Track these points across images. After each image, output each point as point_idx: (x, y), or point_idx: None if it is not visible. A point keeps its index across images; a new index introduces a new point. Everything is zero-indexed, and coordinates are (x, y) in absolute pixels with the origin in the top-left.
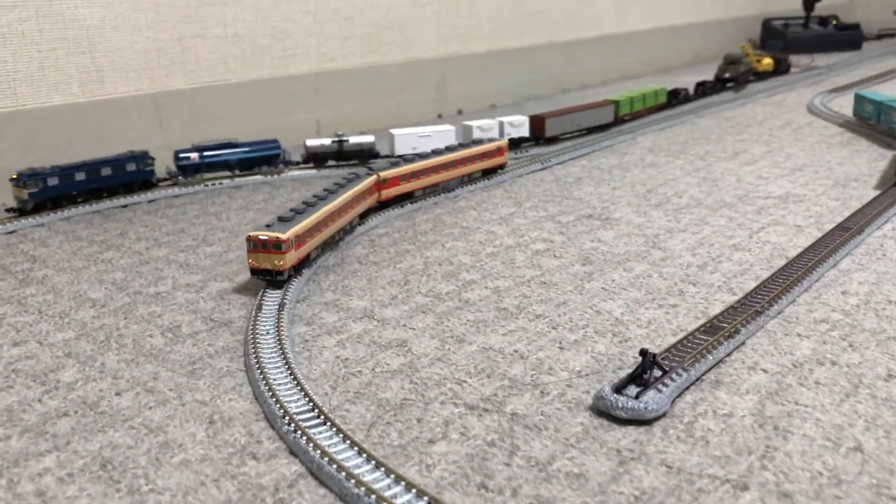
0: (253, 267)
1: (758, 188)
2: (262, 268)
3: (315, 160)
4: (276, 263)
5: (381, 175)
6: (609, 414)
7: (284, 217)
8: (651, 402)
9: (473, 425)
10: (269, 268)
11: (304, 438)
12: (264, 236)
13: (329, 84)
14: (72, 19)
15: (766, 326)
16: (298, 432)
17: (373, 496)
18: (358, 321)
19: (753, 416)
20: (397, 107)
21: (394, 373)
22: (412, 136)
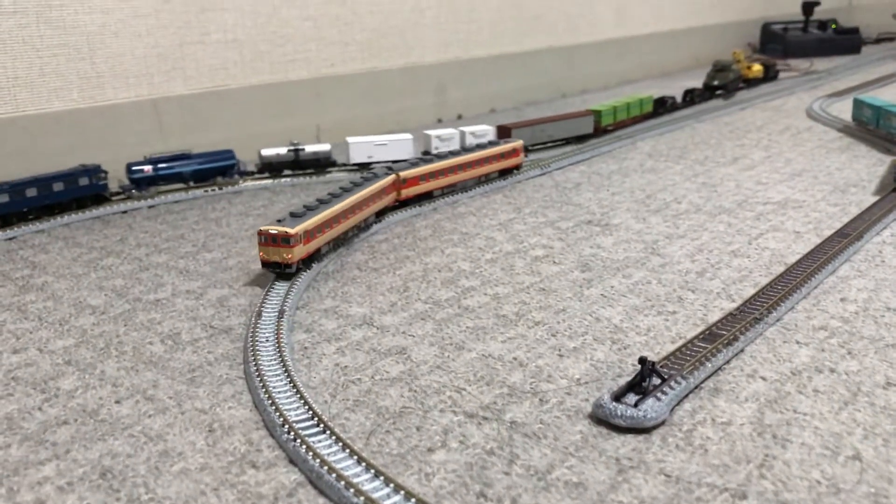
0: (263, 259)
1: (757, 194)
2: (272, 260)
3: (270, 169)
4: (284, 257)
5: (401, 175)
6: (608, 422)
7: (296, 213)
8: (650, 410)
9: (473, 433)
10: (279, 261)
11: (303, 447)
12: (274, 231)
13: (329, 89)
14: (72, 25)
15: (764, 334)
16: (298, 441)
17: None
18: (357, 328)
19: (752, 424)
20: (397, 112)
21: (393, 380)
22: (368, 145)
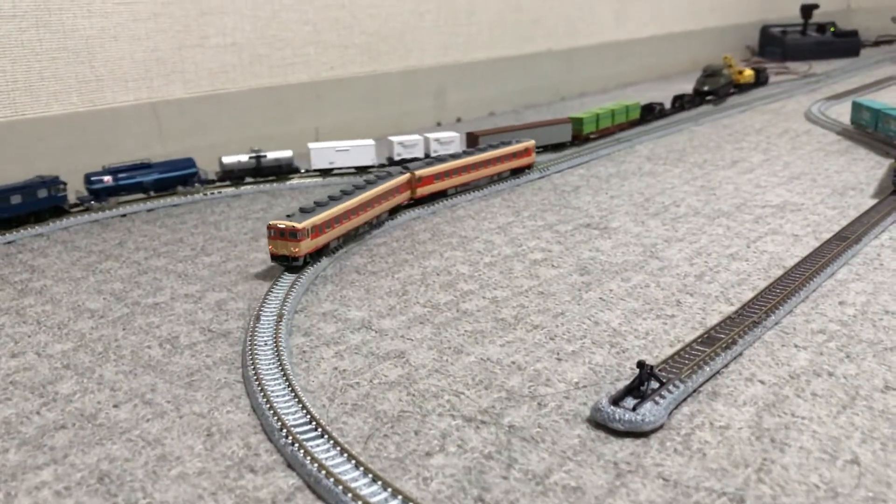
0: (272, 252)
1: (755, 197)
2: (280, 253)
3: (232, 177)
4: (291, 250)
5: (417, 173)
6: (606, 426)
7: (306, 209)
8: (648, 414)
9: (471, 438)
10: (286, 254)
11: (301, 451)
12: (282, 225)
13: (328, 92)
14: (71, 29)
15: (763, 337)
16: (296, 445)
17: None
18: (356, 332)
19: (750, 428)
20: (397, 115)
21: (391, 384)
22: (329, 151)
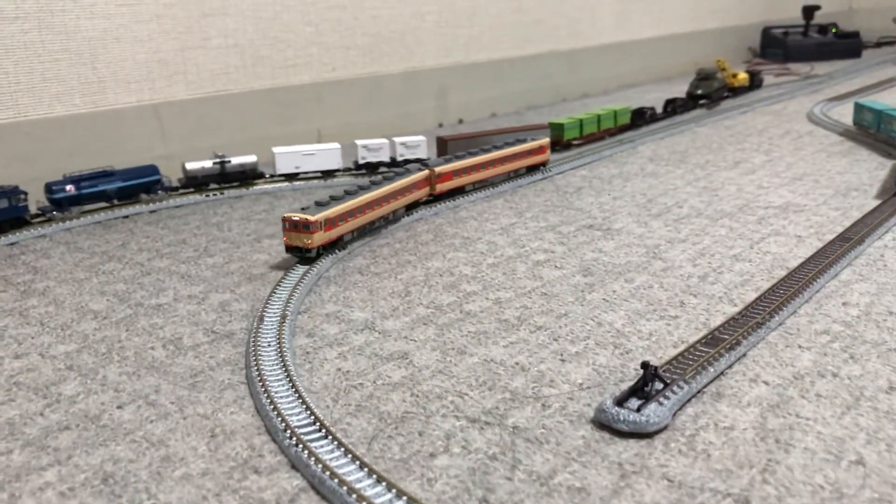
0: (287, 244)
1: (758, 198)
2: (294, 245)
3: (196, 184)
4: (305, 242)
5: (436, 170)
6: (610, 427)
7: (321, 202)
8: (652, 414)
9: (475, 439)
10: (300, 245)
11: (305, 452)
12: (296, 217)
13: (330, 94)
14: (74, 31)
15: (767, 338)
16: (300, 446)
17: None
18: (359, 333)
19: (755, 428)
20: (398, 116)
21: (395, 385)
22: (295, 155)
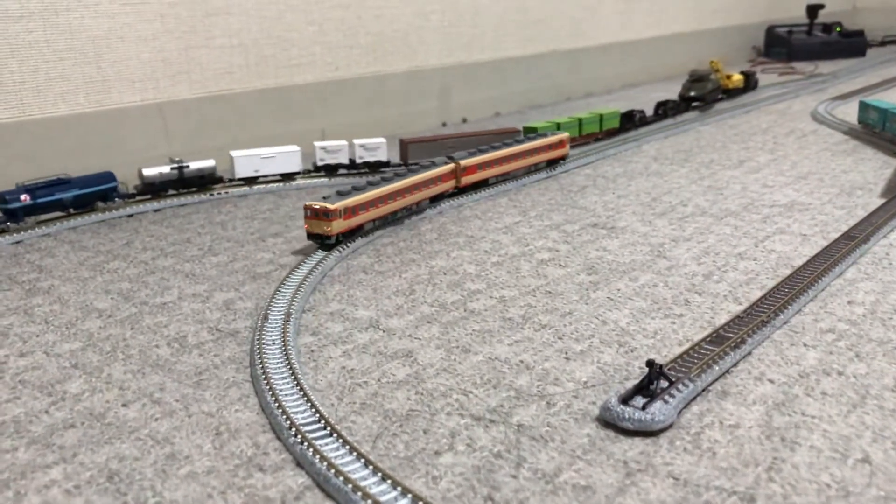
0: (308, 231)
1: (763, 196)
2: (315, 232)
3: (153, 190)
4: (325, 229)
5: (461, 163)
6: (616, 425)
7: (343, 191)
8: (658, 413)
9: (480, 436)
10: (320, 232)
11: (310, 450)
12: (317, 206)
13: (333, 93)
14: (78, 30)
15: (772, 336)
16: (305, 444)
17: None
18: (364, 331)
19: (760, 427)
20: (401, 115)
21: (400, 383)
22: (254, 158)
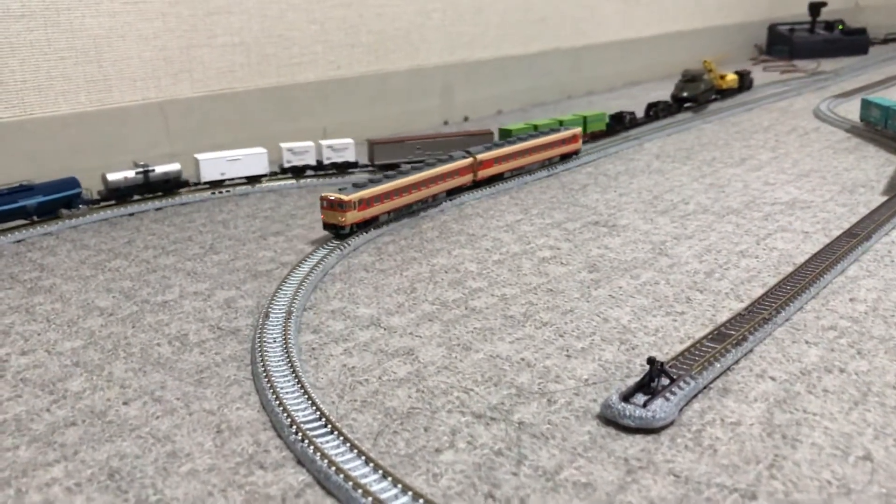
0: (324, 221)
1: (764, 194)
2: (330, 222)
3: (118, 196)
4: (339, 220)
5: (478, 157)
6: (617, 422)
7: (358, 184)
8: (659, 410)
9: (481, 434)
10: (335, 223)
11: (311, 448)
12: (332, 197)
13: (335, 91)
14: (79, 29)
15: (773, 334)
16: (306, 441)
17: None
18: (365, 329)
19: (762, 424)
20: (403, 114)
21: (401, 381)
22: (220, 161)
